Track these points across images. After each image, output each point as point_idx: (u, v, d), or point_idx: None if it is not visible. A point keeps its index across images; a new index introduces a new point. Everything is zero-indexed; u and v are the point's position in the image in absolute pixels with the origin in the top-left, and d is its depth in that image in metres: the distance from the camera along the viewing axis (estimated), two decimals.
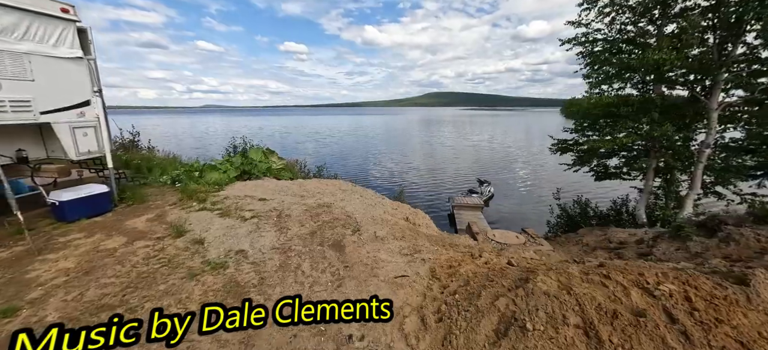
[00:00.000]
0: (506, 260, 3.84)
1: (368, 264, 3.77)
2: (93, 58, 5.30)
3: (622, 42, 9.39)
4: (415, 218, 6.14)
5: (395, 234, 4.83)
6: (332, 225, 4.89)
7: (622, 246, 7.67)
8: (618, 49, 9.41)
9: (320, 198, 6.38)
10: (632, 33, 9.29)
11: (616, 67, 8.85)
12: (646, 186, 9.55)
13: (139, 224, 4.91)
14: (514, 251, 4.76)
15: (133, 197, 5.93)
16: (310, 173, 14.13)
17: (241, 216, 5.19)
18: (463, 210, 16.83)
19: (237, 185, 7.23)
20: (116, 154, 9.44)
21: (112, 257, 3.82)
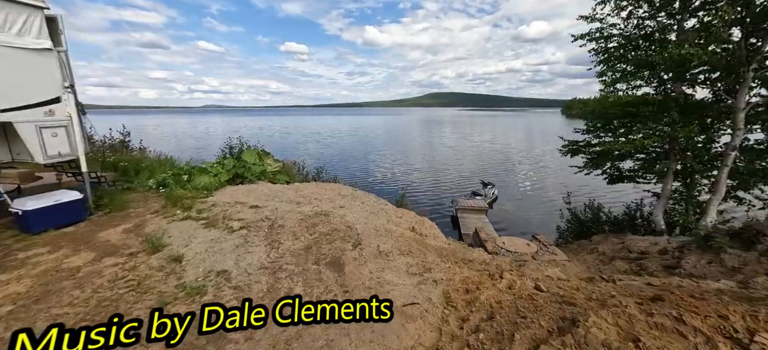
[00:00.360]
0: (532, 284, 3.29)
1: (371, 288, 3.23)
2: (64, 50, 4.76)
3: (639, 38, 8.82)
4: (422, 228, 5.59)
5: (401, 248, 4.28)
6: (330, 238, 4.34)
7: (644, 257, 7.12)
8: (635, 45, 8.85)
9: (318, 205, 5.83)
10: (650, 28, 8.73)
11: (634, 64, 8.29)
12: (665, 190, 8.98)
13: (113, 236, 4.37)
14: (536, 268, 4.22)
15: (112, 204, 5.38)
16: (308, 174, 13.59)
17: (228, 227, 4.65)
18: (466, 213, 16.27)
19: (228, 190, 6.68)
20: (102, 156, 8.91)
21: (72, 279, 3.27)
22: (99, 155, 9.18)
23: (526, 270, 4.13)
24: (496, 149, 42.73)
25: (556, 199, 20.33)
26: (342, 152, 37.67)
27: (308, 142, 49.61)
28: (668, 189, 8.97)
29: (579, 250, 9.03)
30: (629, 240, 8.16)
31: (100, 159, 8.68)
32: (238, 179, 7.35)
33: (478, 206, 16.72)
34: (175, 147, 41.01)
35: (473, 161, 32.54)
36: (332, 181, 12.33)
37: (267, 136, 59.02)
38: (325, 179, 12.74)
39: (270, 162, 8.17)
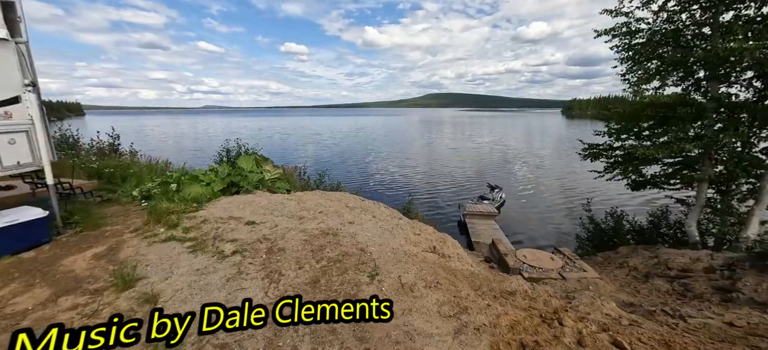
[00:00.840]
0: (608, 337, 2.55)
1: (399, 342, 2.50)
2: (25, 41, 4.01)
3: (671, 33, 8.11)
4: (444, 248, 4.85)
5: (426, 279, 3.54)
6: (341, 266, 3.60)
7: (687, 276, 6.39)
8: (667, 40, 8.14)
9: (323, 221, 5.08)
10: (685, 22, 8.02)
11: (670, 61, 7.57)
12: (699, 198, 8.25)
13: (78, 265, 3.62)
14: (590, 302, 3.48)
15: (85, 221, 4.62)
16: (310, 179, 12.86)
17: (218, 251, 3.90)
18: (475, 219, 15.55)
19: (221, 201, 5.94)
20: (77, 161, 8.16)
21: (7, 335, 2.52)
22: (83, 161, 8.43)
23: (581, 307, 3.40)
24: (501, 150, 42.02)
25: (564, 203, 19.62)
26: (343, 155, 36.91)
27: (308, 143, 48.86)
28: (703, 197, 8.24)
29: (606, 263, 8.29)
30: (663, 254, 7.43)
31: (82, 166, 7.94)
32: (233, 188, 6.60)
33: (487, 211, 16.00)
34: (172, 148, 40.30)
35: (478, 163, 31.82)
36: (336, 187, 11.60)
37: (266, 137, 58.30)
38: (327, 184, 12.02)
39: (269, 169, 7.43)
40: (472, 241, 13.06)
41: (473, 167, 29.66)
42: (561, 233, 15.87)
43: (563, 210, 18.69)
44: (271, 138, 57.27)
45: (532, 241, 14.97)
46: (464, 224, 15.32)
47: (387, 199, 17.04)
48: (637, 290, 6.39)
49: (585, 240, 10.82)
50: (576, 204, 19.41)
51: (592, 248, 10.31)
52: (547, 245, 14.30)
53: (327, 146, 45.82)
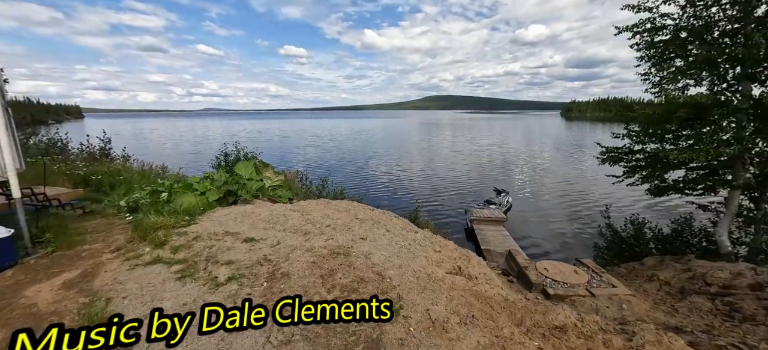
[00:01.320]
0: None
1: None
2: None
3: (701, 28, 7.58)
4: (469, 267, 4.26)
5: (459, 312, 2.97)
6: (357, 297, 3.02)
7: (730, 293, 5.81)
8: (695, 37, 7.61)
9: (332, 236, 4.50)
10: (714, 17, 7.48)
11: (701, 59, 7.02)
12: (731, 205, 7.68)
13: (43, 297, 3.03)
14: (656, 341, 2.91)
15: (59, 239, 4.04)
16: (312, 184, 12.29)
17: (210, 277, 3.31)
18: (483, 224, 14.97)
19: (217, 213, 5.35)
20: (73, 167, 7.58)
21: None
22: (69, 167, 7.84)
23: (647, 347, 2.82)
24: (504, 152, 41.47)
25: (571, 207, 19.05)
26: (344, 158, 36.30)
27: (308, 146, 48.25)
28: (735, 204, 7.68)
29: (632, 276, 7.70)
30: (698, 267, 6.86)
31: (67, 172, 7.35)
32: (230, 197, 6.02)
33: (495, 216, 15.43)
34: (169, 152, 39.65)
35: (481, 166, 31.25)
36: (339, 193, 11.02)
37: (266, 139, 57.72)
38: (330, 190, 11.44)
39: (269, 175, 6.84)
40: (481, 249, 12.48)
41: (477, 171, 29.08)
42: (569, 237, 15.29)
43: (570, 214, 18.12)
44: (271, 141, 56.69)
45: (539, 247, 14.40)
46: (472, 230, 14.73)
47: (392, 205, 16.45)
48: (675, 309, 5.80)
49: (604, 249, 10.23)
50: (583, 208, 18.86)
51: (612, 258, 9.73)
52: (556, 252, 13.71)
53: (327, 148, 45.21)
